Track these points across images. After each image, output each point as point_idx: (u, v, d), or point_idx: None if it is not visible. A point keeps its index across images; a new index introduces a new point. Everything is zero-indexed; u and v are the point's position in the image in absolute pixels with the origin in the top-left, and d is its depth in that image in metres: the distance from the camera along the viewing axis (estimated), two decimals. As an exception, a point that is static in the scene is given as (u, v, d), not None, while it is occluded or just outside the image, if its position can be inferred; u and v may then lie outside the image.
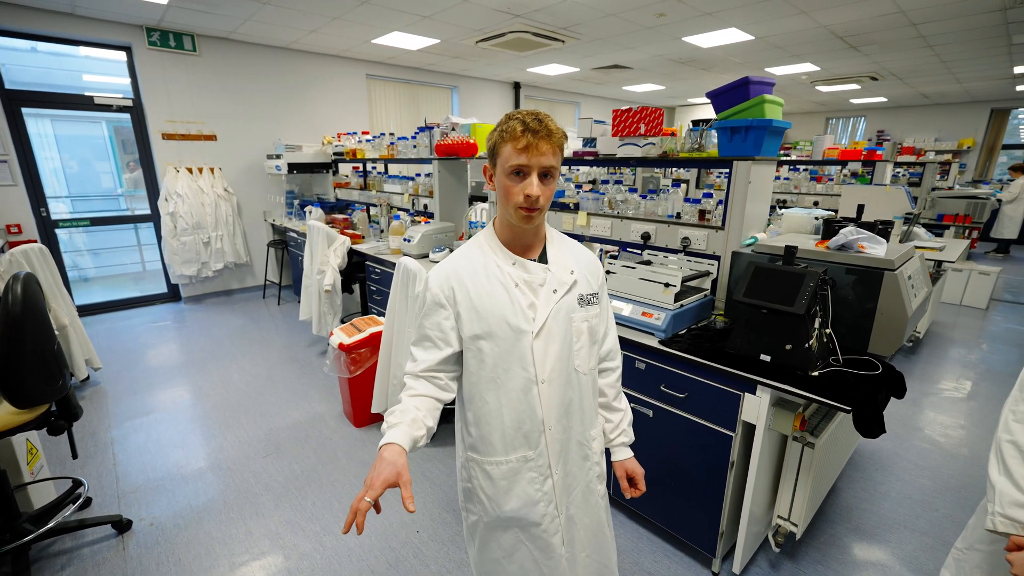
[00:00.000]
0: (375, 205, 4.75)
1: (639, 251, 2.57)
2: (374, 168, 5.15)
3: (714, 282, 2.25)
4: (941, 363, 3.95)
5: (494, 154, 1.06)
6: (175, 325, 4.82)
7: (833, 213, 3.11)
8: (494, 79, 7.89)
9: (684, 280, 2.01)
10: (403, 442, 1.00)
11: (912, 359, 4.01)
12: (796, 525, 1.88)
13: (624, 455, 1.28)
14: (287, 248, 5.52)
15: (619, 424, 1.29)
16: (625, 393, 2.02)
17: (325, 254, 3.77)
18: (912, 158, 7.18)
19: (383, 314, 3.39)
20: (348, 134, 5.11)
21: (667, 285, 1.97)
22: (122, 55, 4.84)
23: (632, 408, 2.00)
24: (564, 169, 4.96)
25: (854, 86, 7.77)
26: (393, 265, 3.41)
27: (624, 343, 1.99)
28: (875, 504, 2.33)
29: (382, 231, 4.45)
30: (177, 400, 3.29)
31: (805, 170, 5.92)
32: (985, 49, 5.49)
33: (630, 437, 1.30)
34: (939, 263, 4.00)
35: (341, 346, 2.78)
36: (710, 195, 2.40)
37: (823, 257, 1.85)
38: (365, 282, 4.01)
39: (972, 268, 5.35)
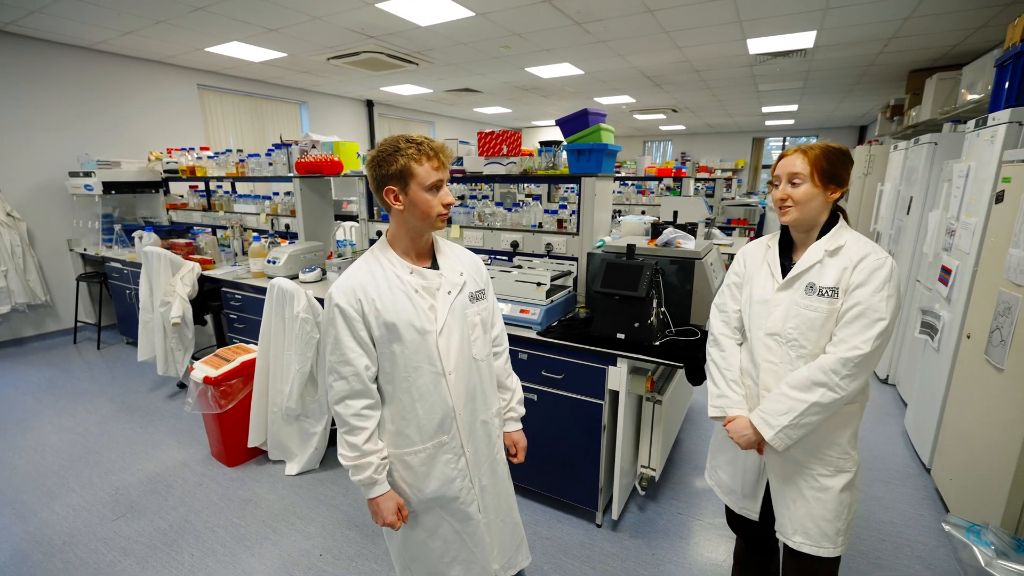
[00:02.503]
0: (224, 227, 4.33)
1: (508, 258, 2.87)
2: (219, 187, 4.69)
3: (575, 280, 2.63)
4: (739, 333, 5.04)
5: (405, 176, 1.16)
6: (-60, 390, 3.74)
7: (656, 218, 3.82)
8: (347, 96, 7.73)
9: (552, 279, 2.34)
10: (388, 489, 1.25)
11: (721, 333, 5.04)
12: (655, 470, 2.31)
13: (513, 427, 1.50)
14: (106, 282, 4.68)
15: (510, 401, 1.50)
16: (513, 381, 2.25)
17: (170, 283, 3.35)
18: (707, 175, 8.98)
19: (249, 342, 3.15)
20: (183, 149, 4.57)
21: (539, 284, 2.28)
22: None
23: (523, 401, 2.26)
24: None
25: (661, 116, 9.43)
26: (257, 289, 3.21)
27: (508, 338, 2.23)
28: (706, 446, 2.94)
29: (236, 254, 4.09)
30: (-34, 479, 2.61)
31: (632, 185, 7.03)
32: (743, 93, 7.20)
33: (520, 412, 1.51)
34: (730, 255, 5.12)
35: (207, 380, 2.53)
36: (564, 206, 2.81)
37: (654, 252, 2.33)
38: (221, 311, 3.65)
39: (752, 259, 6.89)
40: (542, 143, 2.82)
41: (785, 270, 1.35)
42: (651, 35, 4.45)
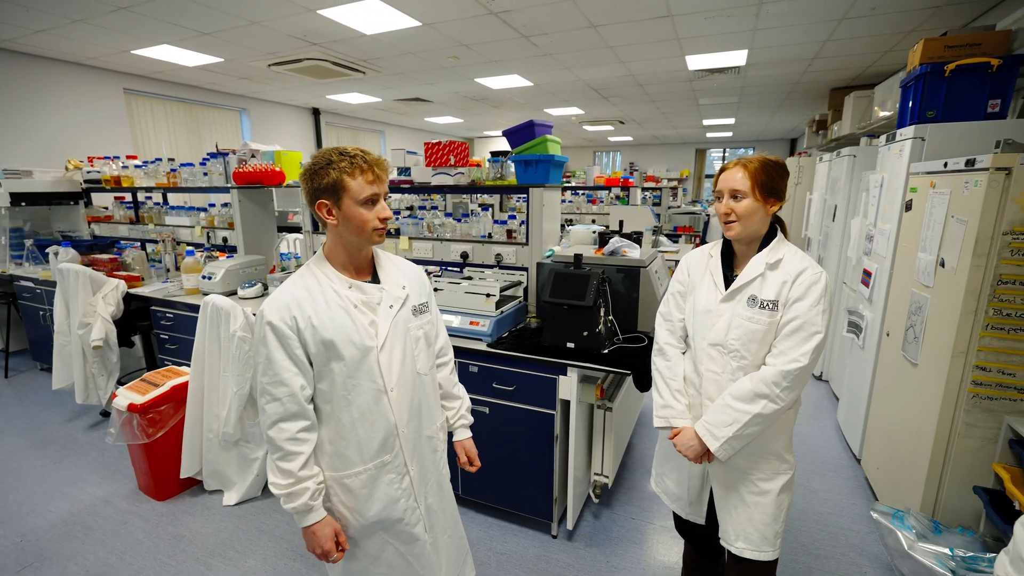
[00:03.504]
0: (155, 241, 4.05)
1: (459, 269, 2.84)
2: (149, 198, 4.38)
3: (525, 290, 2.64)
4: (687, 337, 5.23)
5: (337, 189, 1.12)
6: None
7: (605, 227, 3.90)
8: (291, 103, 7.48)
9: (501, 290, 2.33)
10: (324, 515, 1.18)
11: (670, 337, 5.21)
12: (608, 477, 2.33)
13: (464, 435, 1.48)
14: (15, 303, 4.24)
15: (459, 410, 1.48)
16: (463, 396, 2.20)
17: (90, 303, 3.08)
18: (654, 184, 9.33)
19: (182, 364, 2.94)
20: (106, 158, 4.25)
21: (488, 295, 2.26)
22: None
23: (471, 409, 2.22)
24: (378, 196, 5.03)
25: (609, 127, 9.73)
26: (190, 307, 3.01)
27: (458, 351, 2.20)
28: (658, 449, 3.01)
29: (168, 270, 3.83)
30: None
31: (583, 194, 7.18)
32: (685, 106, 7.55)
33: (469, 420, 1.50)
34: (677, 262, 5.32)
35: (132, 407, 2.33)
36: (514, 216, 2.82)
37: (601, 261, 2.37)
38: (151, 331, 3.39)
39: (698, 265, 7.19)
40: (493, 153, 2.82)
41: (727, 281, 1.39)
42: (596, 49, 4.58)
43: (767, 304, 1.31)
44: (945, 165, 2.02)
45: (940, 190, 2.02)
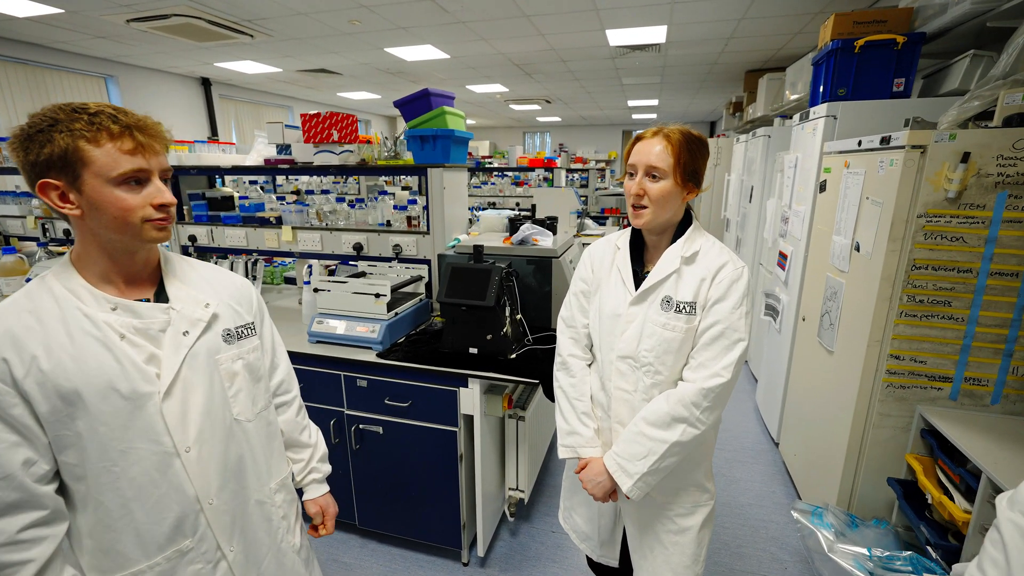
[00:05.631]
0: (-28, 235, 3.27)
1: (355, 263, 2.46)
2: (-37, 182, 3.53)
3: (428, 285, 2.32)
4: (615, 321, 5.17)
5: (71, 162, 0.75)
6: None
7: (523, 212, 3.64)
8: (172, 71, 6.48)
9: (394, 288, 1.99)
10: None
11: (598, 322, 5.12)
12: (524, 492, 2.10)
13: (317, 492, 1.15)
14: None
15: (309, 461, 1.15)
16: (352, 415, 1.89)
17: None
18: (581, 165, 9.24)
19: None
20: (-102, 131, 3.35)
21: (377, 296, 1.92)
22: None
23: (362, 428, 1.90)
24: (268, 179, 4.44)
25: (536, 106, 9.46)
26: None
27: (342, 363, 1.86)
28: (582, 447, 2.84)
29: (-9, 272, 3.09)
30: None
31: (510, 176, 6.89)
32: (610, 86, 7.43)
33: (324, 471, 1.17)
34: (603, 246, 5.20)
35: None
36: (415, 201, 2.47)
37: (508, 252, 2.10)
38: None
39: (625, 247, 7.19)
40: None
41: (637, 278, 1.16)
42: (512, 18, 4.25)
43: (684, 307, 1.09)
44: (859, 143, 1.92)
45: (855, 170, 1.93)
